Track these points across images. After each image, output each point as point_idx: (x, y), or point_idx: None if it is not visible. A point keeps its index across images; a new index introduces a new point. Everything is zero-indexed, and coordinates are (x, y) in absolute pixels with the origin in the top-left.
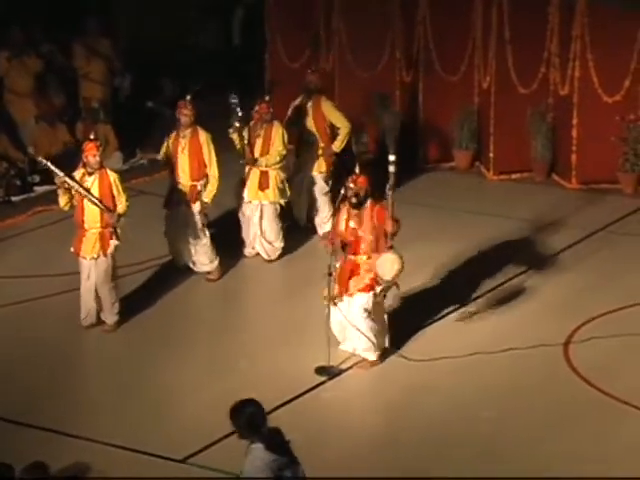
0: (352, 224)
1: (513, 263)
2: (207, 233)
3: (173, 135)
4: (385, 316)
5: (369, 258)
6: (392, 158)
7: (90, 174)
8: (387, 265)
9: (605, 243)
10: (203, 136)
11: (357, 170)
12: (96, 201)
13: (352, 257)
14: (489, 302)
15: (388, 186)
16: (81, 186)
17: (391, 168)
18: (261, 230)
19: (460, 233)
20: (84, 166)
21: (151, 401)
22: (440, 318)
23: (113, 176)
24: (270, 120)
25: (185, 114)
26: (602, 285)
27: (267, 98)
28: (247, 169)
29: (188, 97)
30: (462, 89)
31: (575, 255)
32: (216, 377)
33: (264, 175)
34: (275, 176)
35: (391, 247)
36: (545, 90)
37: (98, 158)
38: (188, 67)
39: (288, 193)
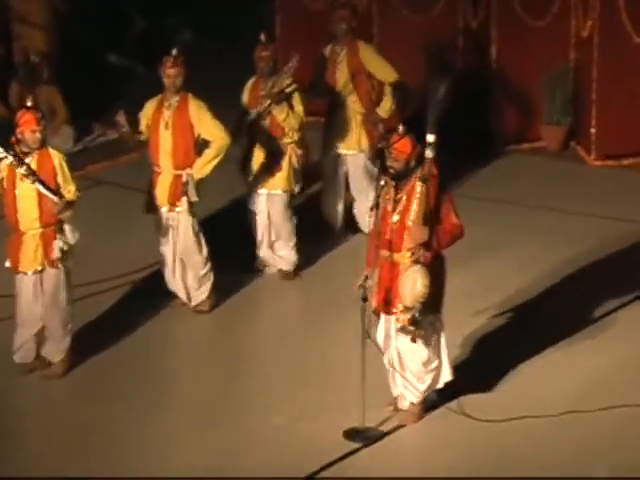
0: (389, 207)
1: (625, 283)
2: (204, 247)
3: (155, 103)
4: (442, 345)
5: (413, 255)
6: (431, 139)
7: (26, 154)
8: (408, 284)
9: None
10: (194, 107)
11: (400, 129)
12: (36, 182)
13: (389, 255)
14: (590, 338)
15: (419, 174)
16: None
17: (428, 152)
18: (269, 231)
19: (550, 240)
20: (18, 144)
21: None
22: (520, 360)
23: (58, 157)
24: (272, 72)
25: (170, 75)
26: None
27: (263, 38)
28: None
29: (174, 50)
30: (552, 39)
31: None
32: (206, 438)
33: (273, 153)
34: (290, 154)
35: (417, 260)
36: None
37: (39, 135)
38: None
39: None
